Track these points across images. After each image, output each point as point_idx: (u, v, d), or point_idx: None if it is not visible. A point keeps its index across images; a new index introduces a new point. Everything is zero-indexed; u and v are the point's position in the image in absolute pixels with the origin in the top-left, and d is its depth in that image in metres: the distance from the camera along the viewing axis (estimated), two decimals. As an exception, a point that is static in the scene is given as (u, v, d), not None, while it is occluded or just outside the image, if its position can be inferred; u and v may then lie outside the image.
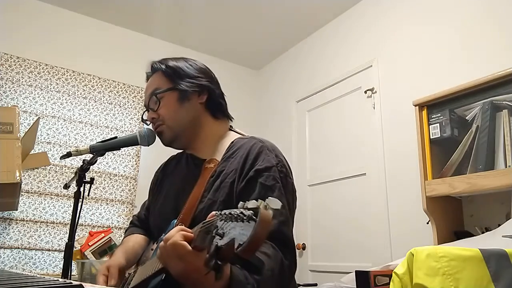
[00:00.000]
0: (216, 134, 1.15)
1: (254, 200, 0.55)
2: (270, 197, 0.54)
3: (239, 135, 1.15)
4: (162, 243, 0.75)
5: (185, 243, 0.70)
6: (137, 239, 1.20)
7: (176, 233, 0.72)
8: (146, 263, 1.01)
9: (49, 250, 2.73)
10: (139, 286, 0.93)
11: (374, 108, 2.69)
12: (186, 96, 1.11)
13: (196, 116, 1.12)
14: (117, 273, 1.02)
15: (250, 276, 0.79)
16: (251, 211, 0.52)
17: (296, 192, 1.08)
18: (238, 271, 0.77)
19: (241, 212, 0.53)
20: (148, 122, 1.17)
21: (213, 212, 0.66)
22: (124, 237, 1.25)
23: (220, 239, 0.54)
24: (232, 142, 1.09)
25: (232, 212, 0.55)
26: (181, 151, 1.27)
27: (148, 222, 1.23)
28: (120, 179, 3.12)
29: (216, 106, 1.16)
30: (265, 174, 0.97)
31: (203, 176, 1.05)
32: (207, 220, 0.66)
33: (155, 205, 1.19)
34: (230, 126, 1.22)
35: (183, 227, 0.74)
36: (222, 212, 0.58)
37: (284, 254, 0.89)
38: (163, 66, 1.15)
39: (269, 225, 0.51)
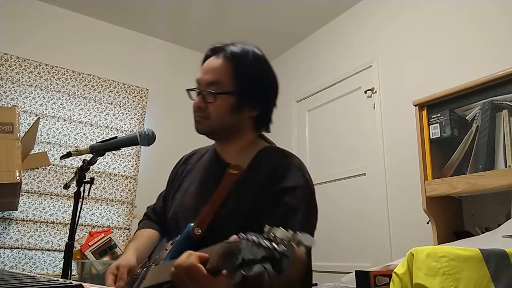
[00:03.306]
0: (248, 141, 1.11)
1: (283, 230, 0.52)
2: (304, 233, 0.51)
3: (267, 144, 1.12)
4: (173, 268, 0.72)
5: (201, 266, 0.68)
6: (151, 234, 1.18)
7: (190, 256, 0.70)
8: (160, 264, 1.00)
9: (49, 250, 2.73)
10: None
11: (374, 108, 2.69)
12: (240, 107, 1.05)
13: (240, 127, 1.09)
14: (126, 274, 1.00)
15: None
16: (283, 246, 0.49)
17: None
18: None
19: (273, 246, 0.50)
20: (191, 93, 1.10)
21: (235, 236, 0.64)
22: (138, 229, 1.23)
23: (246, 266, 0.52)
24: (259, 151, 1.07)
25: (262, 242, 0.52)
26: (203, 146, 1.25)
27: (164, 215, 1.21)
28: (120, 179, 3.12)
29: (264, 122, 1.12)
30: (291, 194, 0.95)
31: (225, 181, 1.02)
32: (230, 241, 0.63)
33: (174, 200, 1.16)
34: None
35: (192, 252, 0.72)
36: (249, 238, 0.55)
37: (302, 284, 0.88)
38: (237, 63, 1.06)
39: (303, 266, 0.49)
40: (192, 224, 0.98)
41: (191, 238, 0.97)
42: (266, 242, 0.52)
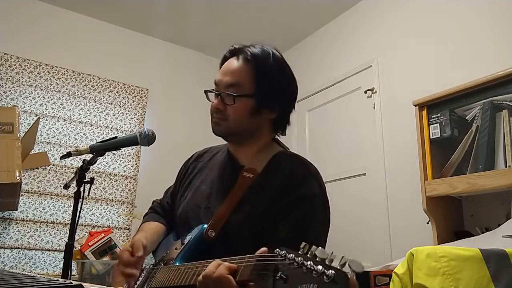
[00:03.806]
0: (263, 144, 1.10)
1: (323, 249, 0.49)
2: (352, 259, 0.47)
3: (281, 149, 1.12)
4: (201, 278, 0.71)
5: (231, 277, 0.66)
6: (157, 228, 1.16)
7: (219, 267, 0.68)
8: (171, 265, 0.97)
9: (49, 250, 2.73)
10: None
11: (374, 108, 2.69)
12: (259, 109, 1.04)
13: (259, 129, 1.08)
14: (141, 247, 1.00)
15: None
16: (332, 271, 0.45)
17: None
18: None
19: (321, 270, 0.46)
20: (209, 95, 1.10)
21: (264, 249, 0.63)
22: (143, 222, 1.21)
23: (283, 283, 0.50)
24: (274, 156, 1.06)
25: (306, 263, 0.48)
26: (215, 145, 1.24)
27: (171, 211, 1.19)
28: (120, 179, 3.11)
29: (282, 124, 1.12)
30: (307, 202, 0.95)
31: (240, 184, 1.01)
32: (263, 254, 0.62)
33: (184, 197, 1.15)
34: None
35: (221, 262, 0.70)
36: (288, 255, 0.52)
37: None
38: (258, 65, 1.04)
39: None
40: (206, 226, 0.97)
41: (204, 240, 0.96)
42: (310, 263, 0.48)
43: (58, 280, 0.62)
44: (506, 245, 1.17)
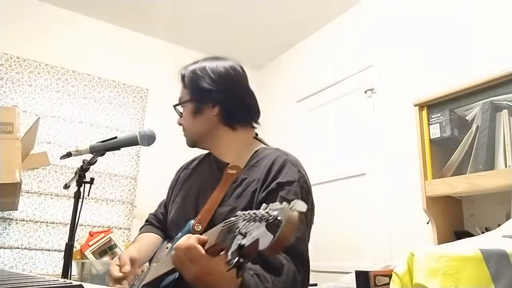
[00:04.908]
0: (238, 142, 1.15)
1: (278, 203, 0.55)
2: (296, 200, 0.54)
3: (263, 145, 1.17)
4: (173, 251, 0.76)
5: (199, 246, 0.71)
6: (152, 238, 1.20)
7: (189, 238, 0.73)
8: (161, 260, 1.02)
9: (49, 250, 2.73)
10: (153, 282, 0.94)
11: (374, 108, 2.68)
12: (199, 109, 1.14)
13: (211, 128, 1.14)
14: (128, 261, 1.03)
15: (262, 284, 0.81)
16: (276, 211, 0.52)
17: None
18: (249, 277, 0.78)
19: (267, 212, 0.54)
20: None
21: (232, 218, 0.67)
22: (139, 234, 1.25)
23: (243, 238, 0.55)
24: (256, 151, 1.12)
25: (257, 213, 0.56)
26: (205, 152, 1.29)
27: (166, 221, 1.24)
28: (120, 179, 3.11)
29: (232, 118, 1.15)
30: (286, 188, 0.98)
31: (224, 181, 1.06)
32: (228, 220, 0.66)
33: (175, 202, 1.20)
34: (256, 134, 1.22)
35: (191, 235, 0.75)
36: (246, 212, 0.58)
37: (297, 268, 0.91)
38: (184, 76, 1.17)
39: (295, 226, 0.51)
40: (193, 221, 1.01)
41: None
42: (262, 212, 0.55)
43: (58, 280, 0.62)
44: (506, 245, 1.17)
